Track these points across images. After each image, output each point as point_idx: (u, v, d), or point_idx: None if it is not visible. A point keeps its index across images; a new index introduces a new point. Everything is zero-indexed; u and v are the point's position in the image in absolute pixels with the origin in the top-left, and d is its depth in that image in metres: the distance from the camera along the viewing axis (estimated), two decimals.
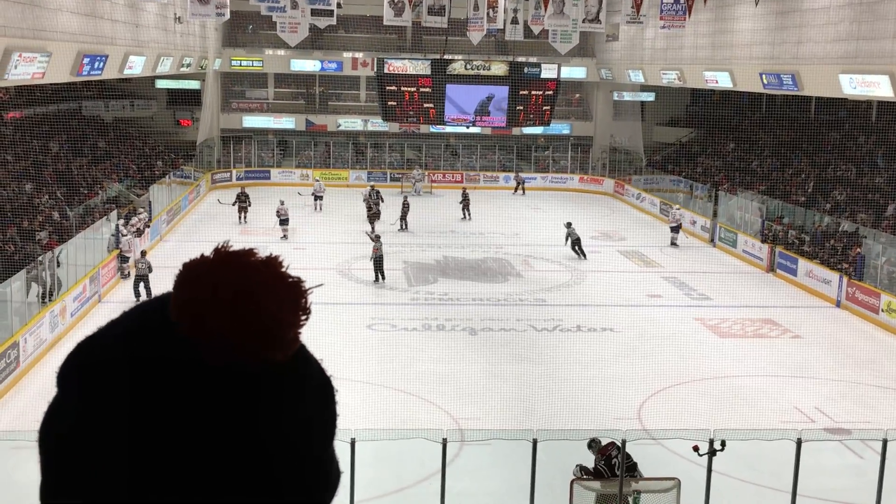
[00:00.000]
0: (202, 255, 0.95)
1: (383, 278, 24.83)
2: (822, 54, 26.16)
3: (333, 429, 1.00)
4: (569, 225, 28.85)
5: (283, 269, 0.95)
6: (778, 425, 14.49)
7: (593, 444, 11.62)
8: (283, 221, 30.32)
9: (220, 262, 0.93)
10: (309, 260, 27.21)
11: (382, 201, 33.54)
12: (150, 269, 22.01)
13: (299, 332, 0.94)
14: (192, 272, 0.94)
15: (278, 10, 27.44)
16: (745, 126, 40.93)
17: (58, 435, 0.94)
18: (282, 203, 30.75)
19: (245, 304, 0.90)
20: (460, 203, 35.57)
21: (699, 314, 22.67)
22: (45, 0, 20.50)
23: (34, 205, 25.19)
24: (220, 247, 0.96)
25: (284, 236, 29.96)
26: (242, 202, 33.00)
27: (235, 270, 0.92)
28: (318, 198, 36.45)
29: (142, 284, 22.16)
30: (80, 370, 0.97)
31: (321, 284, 1.02)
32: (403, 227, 32.46)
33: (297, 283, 0.95)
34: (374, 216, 32.20)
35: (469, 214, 35.10)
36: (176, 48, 33.79)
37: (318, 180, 38.19)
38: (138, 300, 23.72)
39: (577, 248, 28.44)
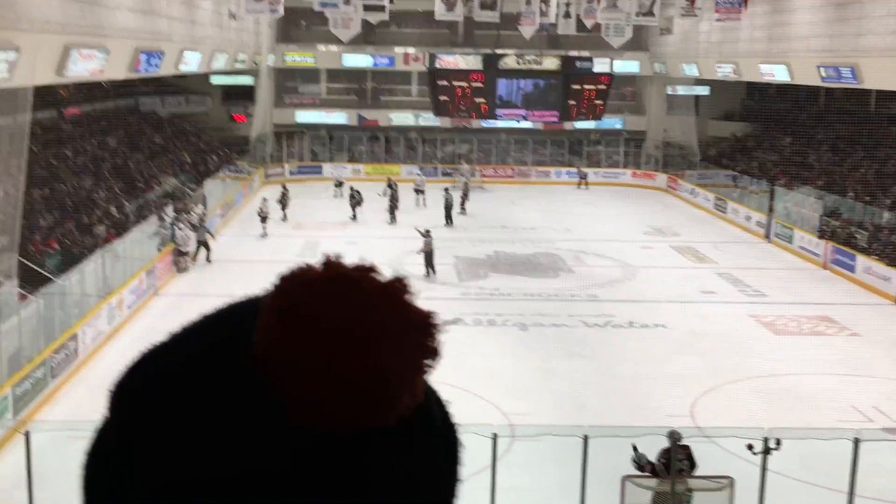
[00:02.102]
0: (307, 268, 0.73)
1: (434, 273, 24.89)
2: (883, 46, 25.59)
3: (454, 497, 0.82)
4: (427, 233, 25.35)
5: (410, 300, 0.74)
6: (835, 424, 14.22)
7: (671, 436, 11.40)
8: (263, 219, 30.24)
9: (328, 284, 0.70)
10: (361, 255, 27.36)
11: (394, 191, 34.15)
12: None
13: (422, 383, 0.74)
14: (290, 296, 0.70)
15: (331, 5, 27.62)
16: (802, 120, 40.24)
17: (100, 468, 0.77)
18: (265, 200, 31.02)
19: (355, 356, 0.68)
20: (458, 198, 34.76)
21: (754, 311, 22.35)
22: None
23: (93, 199, 25.68)
24: (330, 260, 0.73)
25: (264, 234, 29.89)
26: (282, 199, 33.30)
27: (348, 301, 0.70)
28: (338, 185, 36.88)
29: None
30: (129, 398, 0.76)
31: (457, 321, 0.76)
32: (392, 220, 32.44)
33: (427, 319, 0.74)
34: (356, 203, 32.83)
35: (451, 220, 32.96)
36: (230, 44, 34.19)
37: (335, 169, 38.92)
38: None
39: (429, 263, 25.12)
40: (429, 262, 24.92)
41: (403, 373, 0.70)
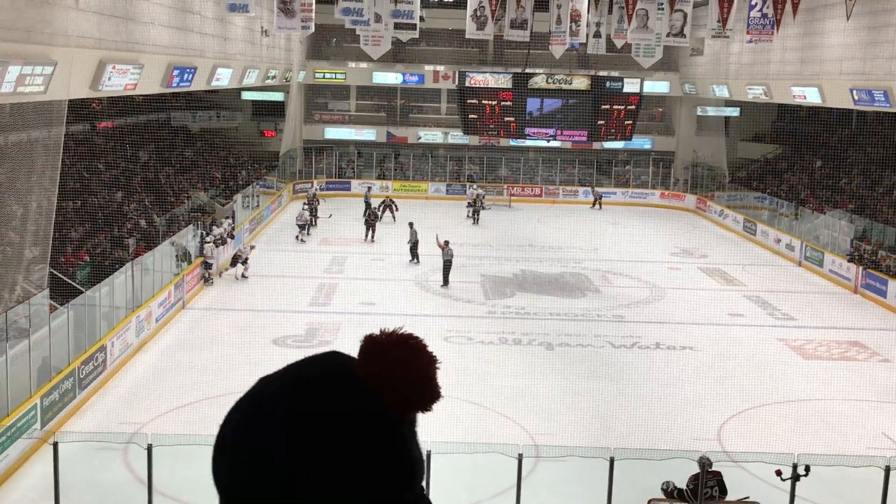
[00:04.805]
0: (381, 334, 1.27)
1: (445, 284, 25.60)
2: None
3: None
4: (411, 225, 29.32)
5: (429, 349, 1.28)
6: (865, 452, 14.04)
7: (701, 462, 11.29)
8: (242, 260, 26.44)
9: (396, 343, 1.26)
10: (387, 271, 27.41)
11: (397, 210, 35.41)
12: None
13: None
14: (378, 347, 1.26)
15: (362, 23, 27.77)
16: (833, 143, 39.92)
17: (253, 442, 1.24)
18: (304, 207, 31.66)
19: (423, 377, 1.25)
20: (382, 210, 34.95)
21: (783, 335, 22.13)
22: (139, 14, 21.11)
23: (123, 212, 25.91)
24: (391, 331, 1.28)
25: (244, 276, 26.18)
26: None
27: (410, 351, 1.25)
28: (311, 198, 36.60)
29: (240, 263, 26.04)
30: (268, 396, 1.26)
31: (440, 363, 1.29)
32: (370, 237, 32.30)
33: (435, 358, 1.28)
34: (313, 209, 34.05)
35: (373, 235, 32.42)
36: (262, 61, 34.48)
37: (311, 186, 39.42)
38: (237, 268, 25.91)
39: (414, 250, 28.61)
40: (446, 272, 25.77)
41: (437, 387, 1.26)
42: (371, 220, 32.55)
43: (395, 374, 1.23)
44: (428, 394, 1.25)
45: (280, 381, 1.25)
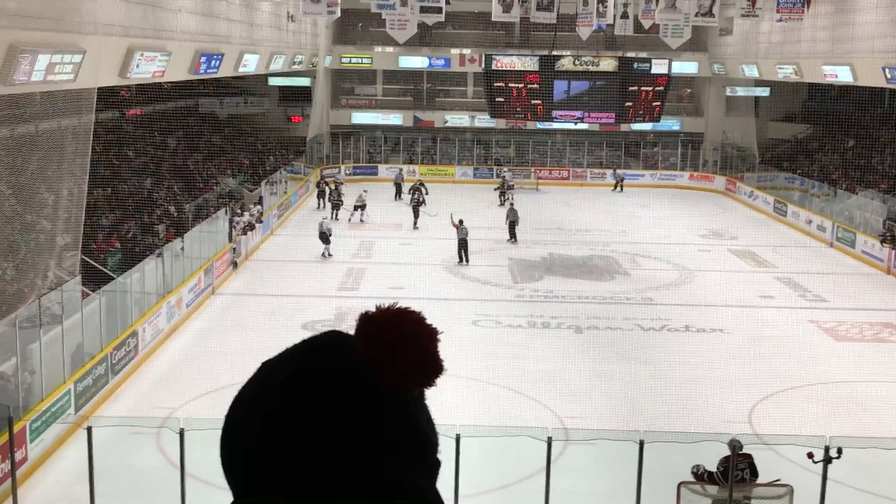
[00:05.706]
0: (378, 310, 1.24)
1: (467, 262, 26.15)
2: None
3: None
4: (511, 205, 30.42)
5: (429, 322, 1.24)
6: None
7: (732, 444, 11.23)
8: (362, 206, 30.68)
9: (394, 318, 1.22)
10: (414, 255, 27.44)
11: (427, 193, 34.06)
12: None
13: None
14: (375, 324, 1.22)
15: (388, 7, 27.73)
16: (865, 122, 39.38)
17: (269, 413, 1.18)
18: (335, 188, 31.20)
19: (424, 351, 1.21)
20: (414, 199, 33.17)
21: (814, 316, 21.93)
22: (166, 1, 21.20)
23: (153, 199, 26.10)
24: (387, 306, 1.25)
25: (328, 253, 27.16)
26: (334, 198, 33.67)
27: (408, 325, 1.22)
28: (336, 185, 35.80)
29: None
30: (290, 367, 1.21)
31: (442, 332, 1.26)
32: (415, 224, 32.01)
33: (436, 330, 1.24)
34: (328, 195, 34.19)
35: (416, 222, 32.13)
36: (288, 46, 34.52)
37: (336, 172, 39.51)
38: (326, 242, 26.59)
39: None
40: (462, 250, 26.26)
41: (439, 361, 1.21)
42: (416, 206, 32.53)
43: (395, 351, 1.19)
44: (430, 368, 1.21)
45: (286, 367, 1.22)
